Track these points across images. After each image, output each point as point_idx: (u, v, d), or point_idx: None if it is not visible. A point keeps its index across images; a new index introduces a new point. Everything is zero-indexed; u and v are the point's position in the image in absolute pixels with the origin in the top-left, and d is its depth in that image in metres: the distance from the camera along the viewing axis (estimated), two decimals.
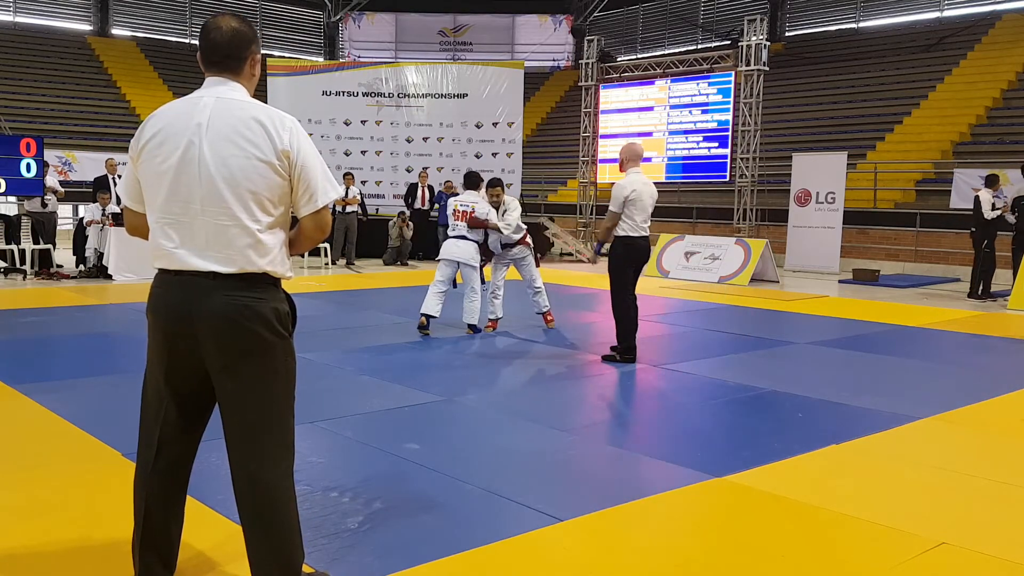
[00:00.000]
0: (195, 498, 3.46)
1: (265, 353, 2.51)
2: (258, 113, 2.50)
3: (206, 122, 2.47)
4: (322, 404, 5.14)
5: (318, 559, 2.97)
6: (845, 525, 3.47)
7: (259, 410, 2.53)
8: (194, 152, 2.45)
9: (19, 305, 9.21)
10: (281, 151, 2.48)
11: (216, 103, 2.50)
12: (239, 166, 2.45)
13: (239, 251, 2.47)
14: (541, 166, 24.44)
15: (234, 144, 2.46)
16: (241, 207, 2.46)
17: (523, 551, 3.15)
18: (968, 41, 21.03)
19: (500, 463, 4.20)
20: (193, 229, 2.47)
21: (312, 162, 2.55)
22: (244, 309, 2.47)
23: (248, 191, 2.46)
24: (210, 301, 2.45)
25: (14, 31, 25.98)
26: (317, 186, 2.55)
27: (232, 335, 2.46)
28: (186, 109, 2.51)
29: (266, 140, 2.47)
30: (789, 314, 9.92)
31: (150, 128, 2.54)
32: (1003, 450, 4.66)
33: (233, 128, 2.47)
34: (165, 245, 2.50)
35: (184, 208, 2.47)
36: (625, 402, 5.78)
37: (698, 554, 3.21)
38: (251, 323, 2.47)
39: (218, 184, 2.45)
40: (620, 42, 29.18)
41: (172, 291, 2.51)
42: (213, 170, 2.45)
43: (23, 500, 3.52)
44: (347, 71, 19.10)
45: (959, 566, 3.13)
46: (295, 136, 2.52)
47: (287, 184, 2.52)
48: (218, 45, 2.54)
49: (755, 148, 15.98)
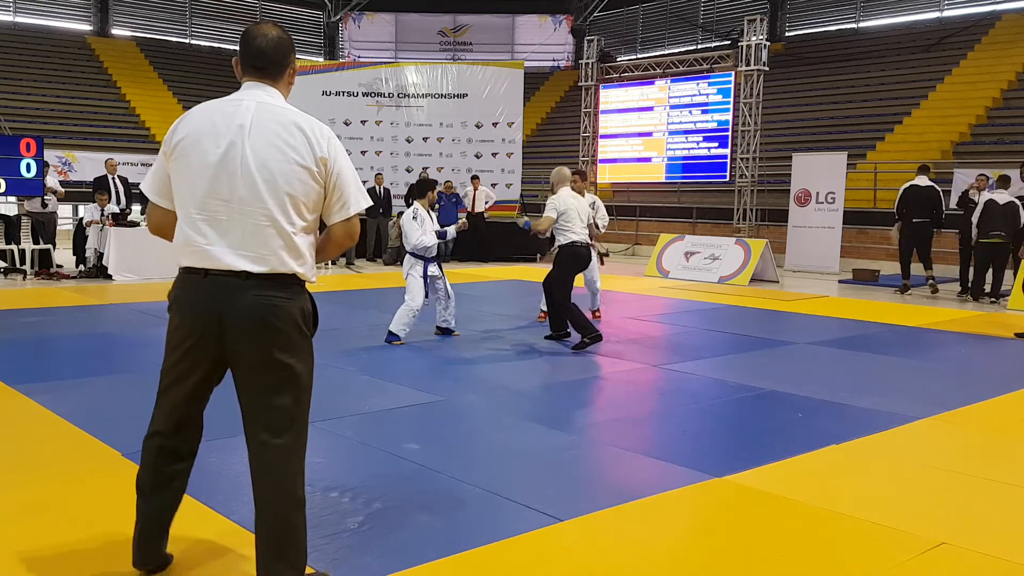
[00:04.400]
0: (196, 498, 3.47)
1: (292, 352, 2.59)
2: (299, 120, 2.59)
3: (248, 124, 2.54)
4: (322, 404, 5.13)
5: (318, 559, 2.97)
6: (845, 525, 3.47)
7: (283, 410, 2.59)
8: (236, 152, 2.51)
9: (19, 305, 9.21)
10: (320, 158, 2.56)
11: (258, 107, 2.57)
12: (280, 169, 2.52)
13: (273, 251, 2.53)
14: (541, 166, 24.41)
15: (276, 148, 2.53)
16: (279, 209, 2.53)
17: (523, 551, 3.15)
18: (968, 41, 21.03)
19: (500, 463, 4.21)
20: (229, 227, 2.52)
21: (347, 171, 2.64)
22: (275, 309, 2.53)
23: (287, 194, 2.53)
24: (241, 300, 2.51)
25: (14, 31, 25.98)
26: (350, 195, 2.64)
27: (262, 334, 2.53)
28: (228, 110, 2.58)
29: (306, 146, 2.55)
30: (789, 314, 9.92)
31: (185, 126, 2.59)
32: (1003, 450, 4.66)
33: (275, 132, 2.54)
34: (198, 241, 2.54)
35: (222, 205, 2.52)
36: (625, 402, 5.77)
37: (698, 554, 3.21)
38: (281, 323, 2.55)
39: (258, 185, 2.51)
40: (620, 42, 29.18)
41: (201, 289, 2.55)
42: (255, 171, 2.51)
43: (23, 500, 3.52)
44: (347, 71, 19.09)
45: (959, 566, 3.13)
46: (332, 145, 2.61)
47: (322, 191, 2.60)
48: (263, 52, 2.64)
49: (755, 148, 15.99)
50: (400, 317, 7.32)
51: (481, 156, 18.43)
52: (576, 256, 7.54)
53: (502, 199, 17.81)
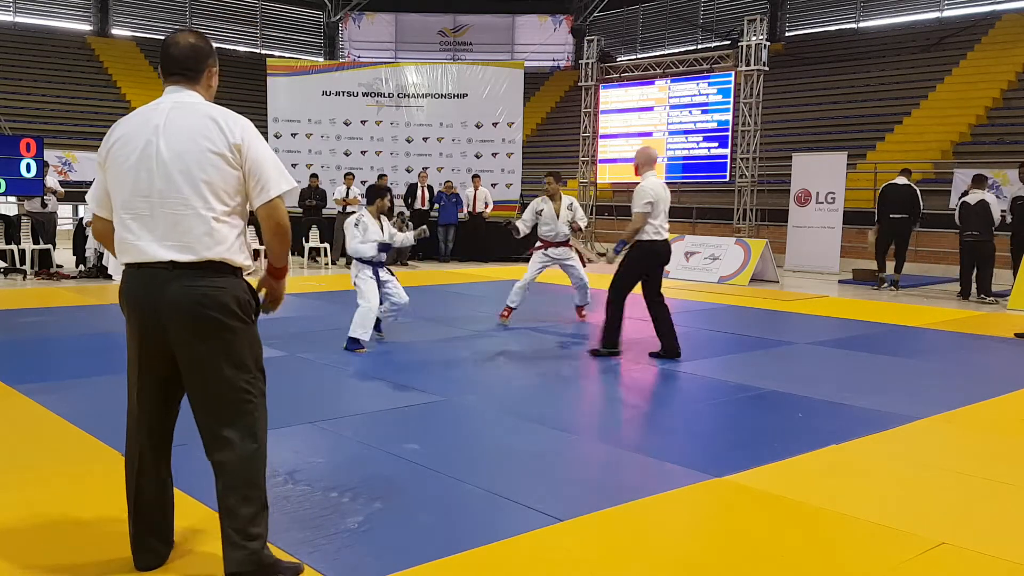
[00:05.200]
0: (195, 498, 3.47)
1: (225, 338, 2.67)
2: (212, 112, 2.72)
3: (163, 123, 2.68)
4: (322, 404, 5.14)
5: (318, 559, 2.97)
6: (845, 525, 3.47)
7: (221, 395, 2.69)
8: (151, 149, 2.65)
9: (19, 305, 9.21)
10: (233, 144, 2.67)
11: (173, 106, 2.72)
12: (194, 158, 2.64)
13: (196, 239, 2.63)
14: (541, 166, 24.39)
15: (189, 139, 2.65)
16: (197, 196, 2.64)
17: (523, 551, 3.15)
18: (968, 41, 21.03)
19: (500, 463, 4.20)
20: (152, 221, 2.65)
21: (263, 155, 2.72)
22: (203, 297, 2.63)
23: (203, 181, 2.64)
24: (170, 290, 2.63)
25: (14, 31, 25.97)
26: (269, 177, 2.71)
27: (193, 321, 2.63)
28: (146, 114, 2.74)
29: (219, 134, 2.66)
30: (789, 314, 9.92)
31: (115, 133, 2.75)
32: (1003, 450, 4.66)
33: (188, 125, 2.67)
34: (127, 238, 2.69)
35: (143, 201, 2.66)
36: (625, 402, 5.77)
37: (698, 554, 3.21)
38: (210, 310, 2.63)
39: (174, 176, 2.63)
40: (620, 42, 29.17)
41: (136, 283, 2.70)
42: (169, 163, 2.64)
43: (23, 500, 3.52)
44: (347, 71, 19.09)
45: (959, 566, 3.13)
46: (246, 132, 2.71)
47: (240, 175, 2.69)
48: (175, 58, 2.79)
49: (755, 148, 15.98)
50: (358, 320, 6.93)
51: (481, 156, 18.43)
52: (654, 255, 6.76)
53: (502, 199, 17.80)
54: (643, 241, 6.70)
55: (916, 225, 12.44)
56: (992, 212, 11.37)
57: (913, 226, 12.41)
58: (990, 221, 11.37)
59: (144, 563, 2.86)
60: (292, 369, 6.12)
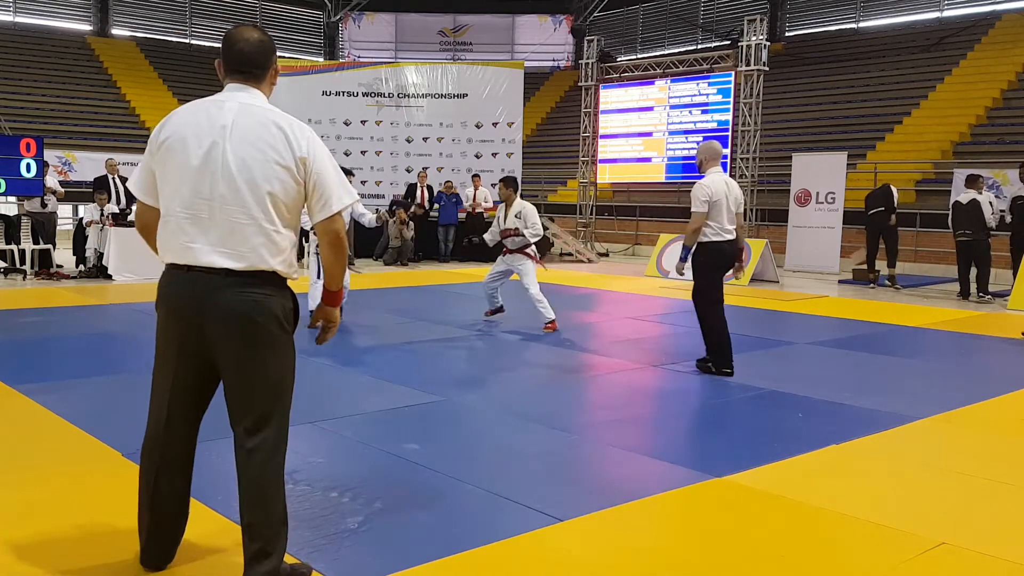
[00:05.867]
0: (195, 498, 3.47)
1: (273, 347, 2.65)
2: (279, 120, 2.64)
3: (230, 125, 2.60)
4: (322, 404, 5.14)
5: (318, 559, 2.97)
6: (845, 525, 3.47)
7: (264, 401, 2.65)
8: (218, 152, 2.58)
9: (19, 305, 9.21)
10: (300, 158, 2.61)
11: (240, 108, 2.64)
12: (260, 169, 2.59)
13: (252, 249, 2.59)
14: (541, 166, 24.43)
15: (256, 147, 2.59)
16: (259, 207, 2.59)
17: (523, 551, 3.15)
18: (968, 41, 21.03)
19: (500, 463, 4.20)
20: (210, 225, 2.59)
21: (328, 169, 2.67)
22: (256, 305, 2.60)
23: (267, 192, 2.59)
24: (222, 297, 2.58)
25: (14, 31, 25.97)
26: (332, 193, 2.67)
27: (243, 329, 2.59)
28: (212, 111, 2.65)
29: (286, 146, 2.61)
30: (789, 314, 9.92)
31: (170, 126, 2.67)
32: (1003, 450, 4.66)
33: (256, 133, 2.60)
34: (181, 239, 2.61)
35: (204, 204, 2.59)
36: (625, 402, 5.77)
37: (698, 554, 3.21)
38: (261, 318, 2.61)
39: (239, 184, 2.58)
40: (620, 42, 29.18)
41: (184, 286, 2.62)
42: (235, 170, 2.58)
43: (23, 500, 3.52)
44: (347, 71, 19.09)
45: (959, 566, 3.13)
46: (312, 144, 2.65)
47: (302, 189, 2.65)
48: (245, 55, 2.70)
49: (755, 148, 15.98)
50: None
51: (481, 156, 18.43)
52: (719, 255, 6.31)
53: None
54: (706, 243, 6.28)
55: (891, 216, 12.63)
56: (983, 212, 11.37)
57: (888, 217, 12.60)
58: (981, 221, 11.37)
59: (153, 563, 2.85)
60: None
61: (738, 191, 6.44)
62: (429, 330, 8.07)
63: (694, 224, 6.24)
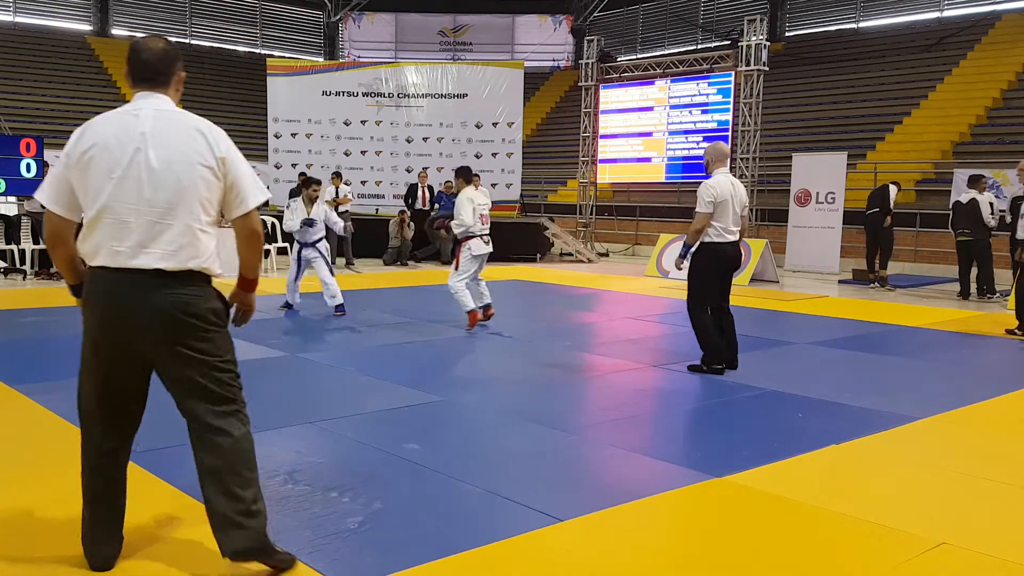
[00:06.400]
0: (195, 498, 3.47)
1: (208, 339, 2.77)
2: (197, 123, 2.79)
3: (149, 131, 2.72)
4: (322, 404, 5.14)
5: (318, 559, 2.97)
6: (845, 525, 3.47)
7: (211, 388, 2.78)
8: (141, 158, 2.69)
9: (19, 305, 9.21)
10: (219, 158, 2.76)
11: (155, 114, 2.76)
12: (185, 170, 2.71)
13: (180, 248, 2.72)
14: (541, 166, 24.44)
15: (179, 151, 2.72)
16: (184, 207, 2.72)
17: (523, 551, 3.15)
18: (968, 41, 21.03)
19: (500, 463, 4.20)
20: (137, 228, 2.69)
21: (243, 169, 2.83)
22: (185, 305, 2.72)
23: (191, 193, 2.72)
24: (154, 297, 2.70)
25: (14, 31, 25.98)
26: (248, 191, 2.83)
27: (176, 326, 2.71)
28: (127, 119, 2.75)
29: (207, 147, 2.75)
30: (789, 314, 9.92)
31: (89, 137, 2.74)
32: (1003, 450, 4.66)
33: (177, 136, 2.73)
34: (110, 244, 2.71)
35: (130, 208, 2.69)
36: (625, 402, 5.77)
37: (698, 554, 3.21)
38: (191, 316, 2.73)
39: (164, 186, 2.70)
40: (620, 42, 29.18)
41: (113, 287, 2.72)
42: (159, 173, 2.69)
43: (22, 500, 3.52)
44: (347, 71, 19.09)
45: (959, 566, 3.13)
46: (229, 144, 2.82)
47: (222, 187, 2.79)
48: (150, 63, 2.82)
49: (755, 148, 15.98)
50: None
51: (481, 156, 18.43)
52: (719, 257, 6.29)
53: (502, 199, 17.80)
54: (708, 244, 6.27)
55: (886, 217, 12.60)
56: (982, 211, 11.37)
57: (883, 218, 12.59)
58: (980, 220, 11.38)
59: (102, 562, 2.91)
60: (292, 369, 6.12)
61: (743, 192, 6.46)
62: (429, 330, 8.06)
63: (698, 224, 6.23)
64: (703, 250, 6.29)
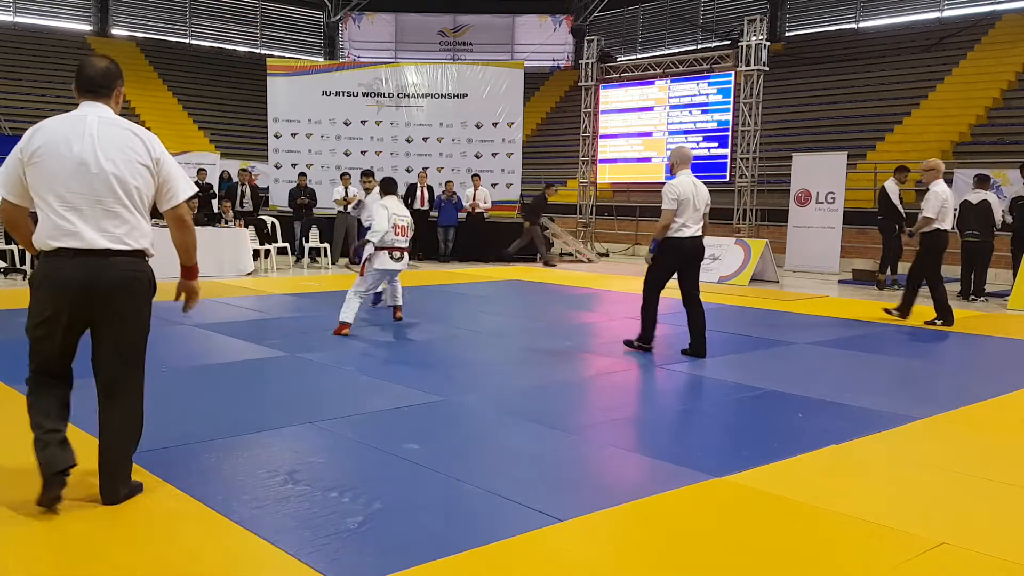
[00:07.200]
0: (196, 498, 3.47)
1: (143, 307, 3.40)
2: (134, 129, 3.39)
3: (96, 134, 3.27)
4: (322, 404, 5.14)
5: (318, 559, 2.97)
6: (845, 525, 3.47)
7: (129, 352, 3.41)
8: (90, 156, 3.23)
9: (19, 305, 9.19)
10: (155, 158, 3.35)
11: (99, 120, 3.32)
12: (127, 168, 3.28)
13: (127, 232, 3.29)
14: (541, 166, 24.44)
15: (121, 151, 3.28)
16: (127, 199, 3.28)
17: (523, 551, 3.15)
18: (968, 41, 21.04)
19: (500, 463, 4.20)
20: (89, 215, 3.23)
21: (174, 168, 3.42)
22: (133, 279, 3.33)
23: (133, 187, 3.29)
24: (108, 271, 3.27)
25: (14, 31, 25.98)
26: (178, 186, 3.41)
27: (124, 295, 3.31)
28: (75, 123, 3.31)
29: (144, 149, 3.33)
30: (789, 314, 9.92)
31: (42, 136, 3.28)
32: (1003, 450, 4.66)
33: (120, 139, 3.30)
34: (67, 228, 3.23)
35: (83, 199, 3.23)
36: (625, 402, 5.77)
37: (698, 554, 3.20)
38: (138, 287, 3.35)
39: (111, 181, 3.25)
40: (620, 42, 29.19)
41: (73, 266, 3.24)
42: (107, 170, 3.24)
43: (22, 500, 3.52)
44: (347, 71, 19.09)
45: (959, 566, 3.13)
46: (162, 147, 3.40)
47: (156, 183, 3.37)
48: (92, 78, 3.44)
49: (755, 148, 15.98)
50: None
51: (481, 156, 18.43)
52: (677, 250, 6.91)
53: (502, 199, 17.80)
54: (669, 238, 6.90)
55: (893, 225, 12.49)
56: (995, 213, 11.36)
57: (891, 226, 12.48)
58: (991, 222, 11.36)
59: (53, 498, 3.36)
60: (292, 369, 6.12)
61: (705, 192, 7.02)
62: (429, 330, 8.06)
63: (664, 220, 6.89)
64: (663, 243, 6.94)
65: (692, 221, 6.87)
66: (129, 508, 3.42)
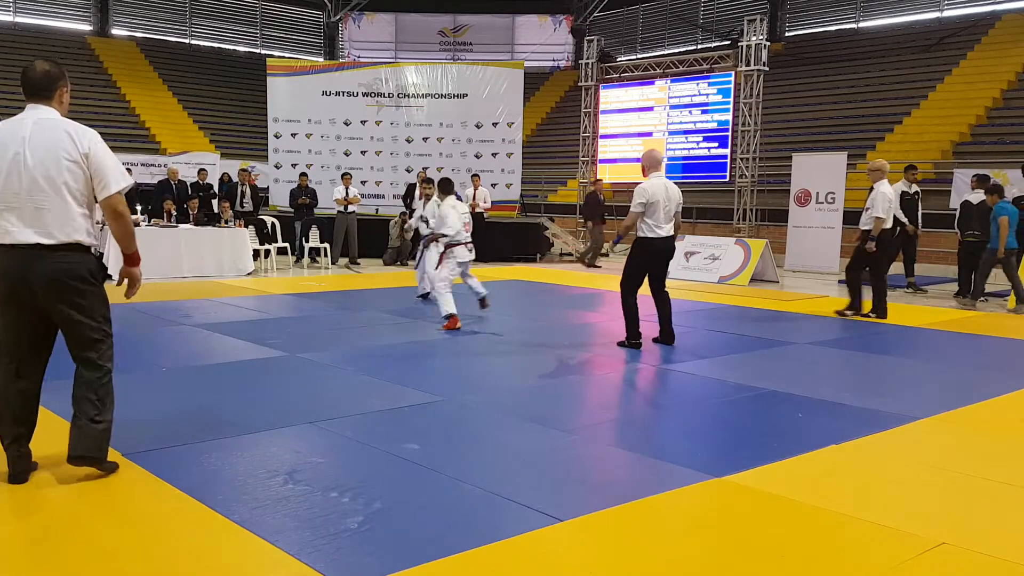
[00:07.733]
0: (196, 498, 3.47)
1: (84, 296, 3.55)
2: (67, 126, 3.55)
3: (28, 136, 3.49)
4: (322, 404, 5.14)
5: (318, 559, 2.97)
6: (845, 525, 3.47)
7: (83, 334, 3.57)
8: (20, 158, 3.46)
9: None
10: (83, 153, 3.51)
11: (35, 122, 3.54)
12: (54, 165, 3.47)
13: (58, 227, 3.47)
14: (541, 166, 24.45)
15: (49, 150, 3.48)
16: (57, 195, 3.47)
17: (523, 551, 3.15)
18: (968, 41, 21.04)
19: (500, 463, 4.20)
20: (23, 212, 3.45)
21: (105, 160, 3.55)
22: (64, 271, 3.49)
23: (61, 183, 3.47)
24: (41, 266, 3.46)
25: (14, 31, 25.98)
26: (110, 177, 3.55)
27: (60, 287, 3.49)
28: (14, 127, 3.54)
29: (72, 145, 3.50)
30: (789, 314, 9.91)
31: None
32: (1003, 450, 4.66)
33: (49, 138, 3.49)
34: (6, 227, 3.47)
35: (15, 197, 3.45)
36: (625, 402, 5.77)
37: (698, 554, 3.21)
38: (70, 279, 3.49)
39: (39, 180, 3.46)
40: (620, 42, 29.20)
41: (10, 260, 3.47)
42: (34, 170, 3.46)
43: (22, 500, 3.52)
44: (347, 71, 19.09)
45: (959, 566, 3.13)
46: (93, 141, 3.56)
47: (87, 177, 3.52)
48: (34, 82, 3.63)
49: (755, 148, 15.99)
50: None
51: (481, 156, 18.43)
52: (648, 249, 7.20)
53: (502, 199, 17.80)
54: (640, 238, 7.20)
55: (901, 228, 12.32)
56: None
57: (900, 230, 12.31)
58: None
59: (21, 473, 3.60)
60: (292, 369, 6.12)
61: (677, 193, 7.27)
62: (429, 330, 8.06)
63: (628, 220, 7.28)
64: (636, 243, 7.24)
65: (664, 222, 7.13)
66: (129, 508, 3.43)
